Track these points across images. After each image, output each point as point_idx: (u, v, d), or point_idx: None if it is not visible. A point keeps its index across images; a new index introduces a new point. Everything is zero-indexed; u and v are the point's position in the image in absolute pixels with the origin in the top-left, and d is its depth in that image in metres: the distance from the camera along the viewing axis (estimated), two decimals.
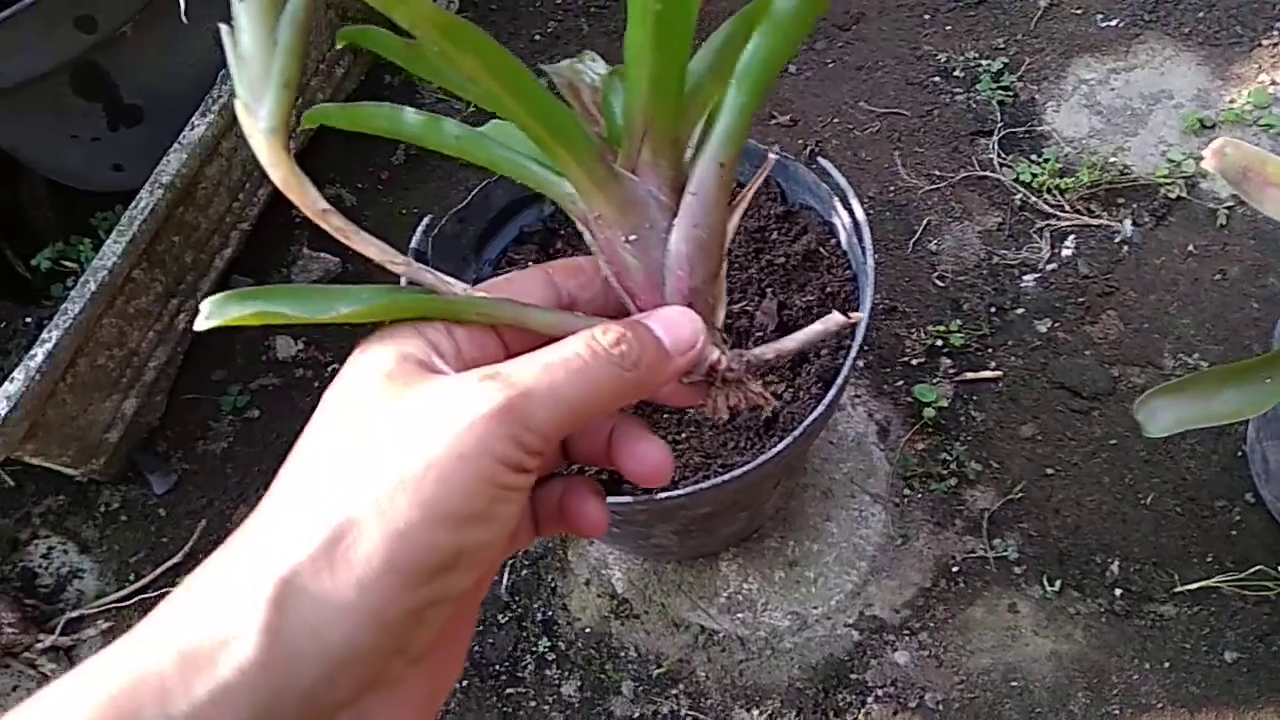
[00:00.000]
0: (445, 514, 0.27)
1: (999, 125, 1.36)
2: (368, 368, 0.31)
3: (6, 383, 1.01)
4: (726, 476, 0.81)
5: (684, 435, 0.91)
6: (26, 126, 1.23)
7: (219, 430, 1.28)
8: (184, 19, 0.58)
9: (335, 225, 0.39)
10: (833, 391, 0.83)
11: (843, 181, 0.92)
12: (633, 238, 0.40)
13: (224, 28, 0.37)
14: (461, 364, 0.32)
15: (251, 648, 0.25)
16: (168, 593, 1.03)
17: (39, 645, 1.10)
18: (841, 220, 0.93)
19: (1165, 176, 1.28)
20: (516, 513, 0.30)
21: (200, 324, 0.34)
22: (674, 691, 1.04)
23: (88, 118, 1.22)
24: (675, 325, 0.35)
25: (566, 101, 0.47)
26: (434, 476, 0.27)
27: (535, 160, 0.41)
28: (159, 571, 1.17)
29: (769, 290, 0.96)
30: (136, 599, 1.15)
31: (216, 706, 0.25)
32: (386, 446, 0.28)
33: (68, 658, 1.13)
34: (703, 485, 0.81)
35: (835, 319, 0.40)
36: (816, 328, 0.40)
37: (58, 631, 1.12)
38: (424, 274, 0.37)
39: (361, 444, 0.29)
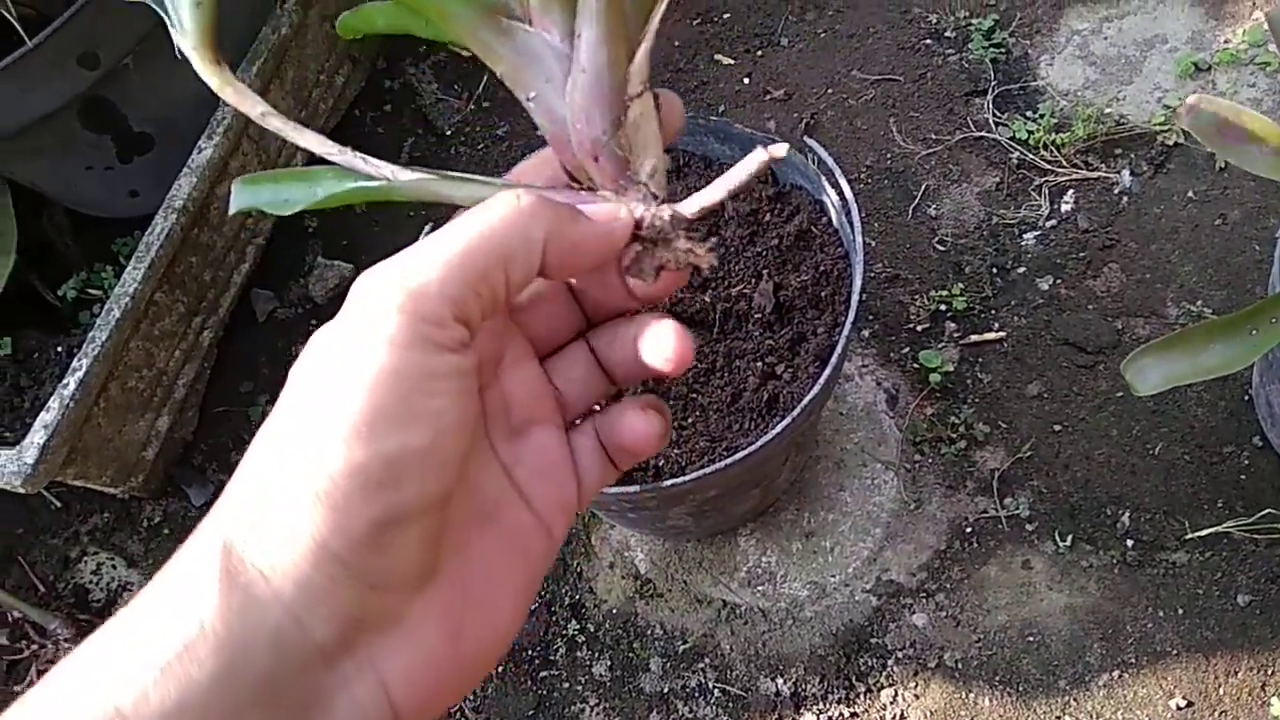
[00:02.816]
0: (355, 425, 0.26)
1: (993, 84, 1.36)
2: None
3: (43, 412, 1.05)
4: (729, 460, 0.83)
5: (689, 420, 0.94)
6: (42, 161, 1.27)
7: (250, 441, 1.32)
8: (178, 55, 0.62)
9: (275, 126, 0.41)
10: (828, 370, 0.85)
11: (830, 161, 0.94)
12: (532, 94, 0.38)
13: None
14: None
15: (210, 599, 0.25)
16: None
17: None
18: (831, 199, 0.95)
19: (1162, 124, 1.28)
20: (452, 408, 0.27)
21: (231, 209, 0.41)
22: (700, 665, 1.08)
23: (99, 149, 1.26)
24: (594, 205, 0.33)
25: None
26: (335, 390, 0.26)
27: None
28: None
29: (765, 272, 0.98)
30: None
31: (181, 662, 0.24)
32: (300, 385, 0.27)
33: None
34: (706, 470, 0.84)
35: (758, 155, 0.36)
36: (737, 170, 0.37)
37: None
38: (357, 161, 0.39)
39: (285, 395, 0.28)
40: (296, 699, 0.26)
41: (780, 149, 0.36)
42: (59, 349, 1.21)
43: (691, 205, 0.37)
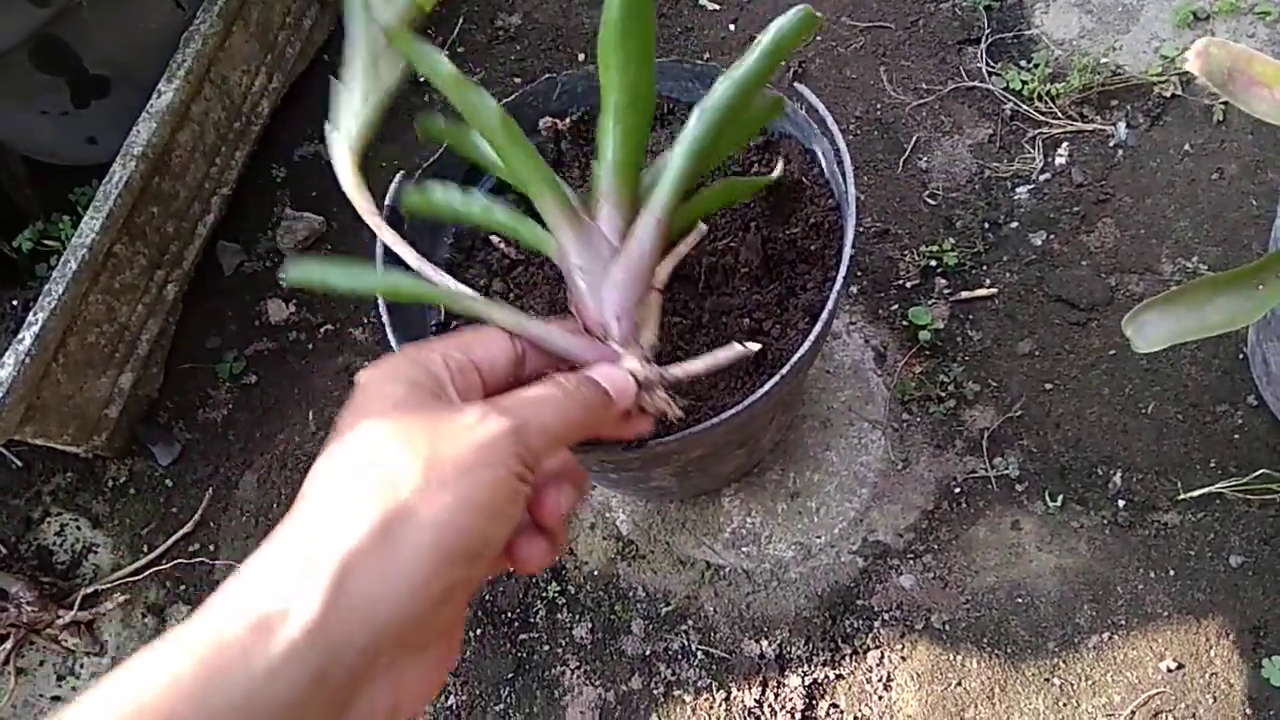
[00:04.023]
0: (478, 506, 0.35)
1: (986, 32, 1.32)
2: (385, 393, 0.38)
3: None
4: (715, 420, 0.80)
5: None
6: None
7: (218, 398, 1.28)
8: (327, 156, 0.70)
9: (387, 237, 0.55)
10: (818, 326, 0.82)
11: (821, 107, 0.90)
12: (583, 265, 0.52)
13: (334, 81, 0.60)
14: (456, 392, 0.41)
15: (315, 612, 0.31)
16: (181, 563, 1.04)
17: (60, 621, 1.12)
18: (822, 147, 0.91)
19: (1159, 74, 1.24)
20: (520, 515, 0.38)
21: (284, 280, 0.54)
22: (683, 627, 1.06)
23: (54, 92, 1.20)
24: (614, 377, 0.45)
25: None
26: (469, 478, 0.35)
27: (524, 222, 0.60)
28: (171, 541, 1.18)
29: (753, 225, 0.95)
30: (151, 570, 1.17)
31: (288, 661, 0.30)
32: (424, 454, 0.35)
33: (89, 632, 1.15)
34: (692, 430, 0.80)
35: (734, 349, 0.50)
36: (719, 355, 0.50)
37: (76, 607, 1.13)
38: (425, 267, 0.52)
39: (398, 451, 0.35)
40: (350, 686, 0.32)
41: (754, 346, 0.52)
42: (14, 303, 1.16)
43: (677, 370, 0.50)
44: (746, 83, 0.64)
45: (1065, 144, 1.23)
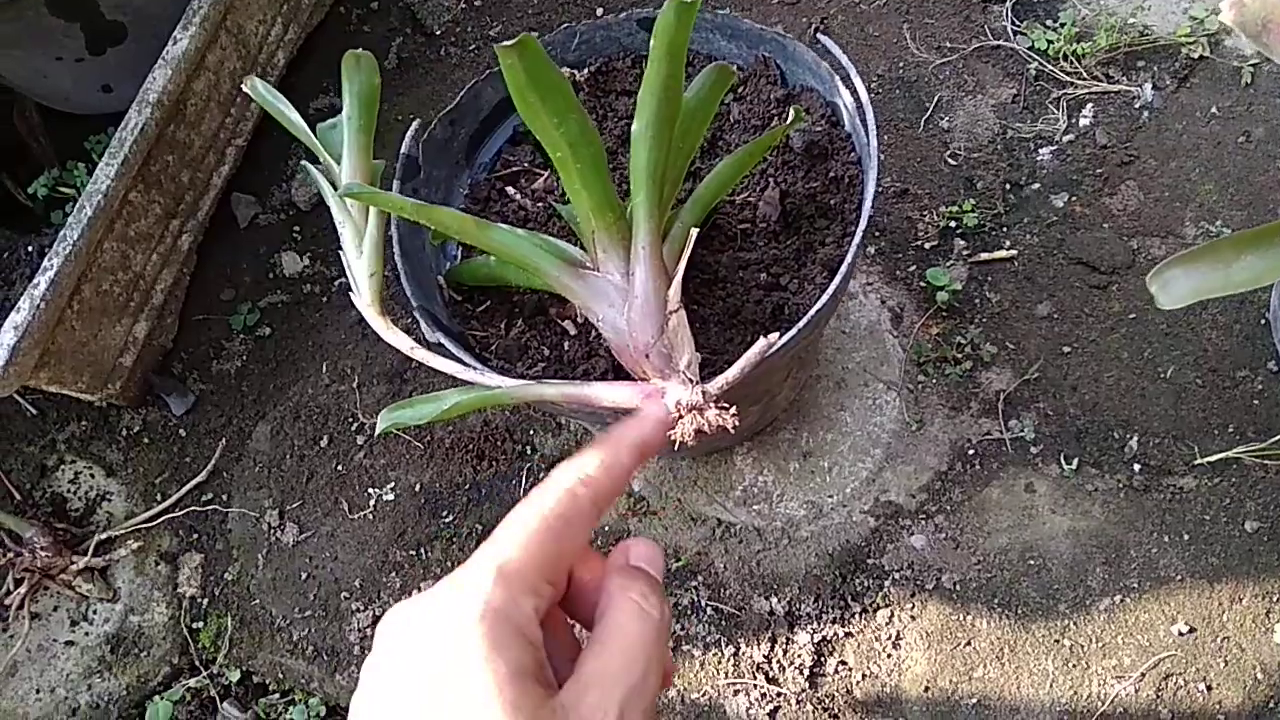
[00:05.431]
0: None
1: None
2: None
3: (13, 313, 1.01)
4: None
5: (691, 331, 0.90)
6: (9, 51, 1.20)
7: (232, 349, 1.28)
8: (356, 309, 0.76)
9: (419, 357, 0.60)
10: (836, 280, 0.81)
11: (844, 60, 0.88)
12: (601, 317, 0.54)
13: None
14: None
15: None
16: (194, 511, 1.05)
17: (73, 567, 1.13)
18: (844, 101, 0.90)
19: (1187, 35, 1.22)
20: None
21: (379, 429, 0.60)
22: (693, 583, 1.06)
23: (69, 38, 1.19)
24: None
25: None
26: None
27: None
28: (184, 490, 1.19)
29: (772, 179, 0.94)
30: (164, 518, 1.18)
31: None
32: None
33: (102, 578, 1.16)
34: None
35: (761, 343, 0.50)
36: (750, 353, 0.50)
37: (90, 553, 1.14)
38: (474, 374, 0.59)
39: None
40: None
41: (775, 337, 0.53)
42: (30, 249, 1.15)
43: (715, 384, 0.50)
44: (663, 90, 0.61)
45: (1090, 105, 1.21)
